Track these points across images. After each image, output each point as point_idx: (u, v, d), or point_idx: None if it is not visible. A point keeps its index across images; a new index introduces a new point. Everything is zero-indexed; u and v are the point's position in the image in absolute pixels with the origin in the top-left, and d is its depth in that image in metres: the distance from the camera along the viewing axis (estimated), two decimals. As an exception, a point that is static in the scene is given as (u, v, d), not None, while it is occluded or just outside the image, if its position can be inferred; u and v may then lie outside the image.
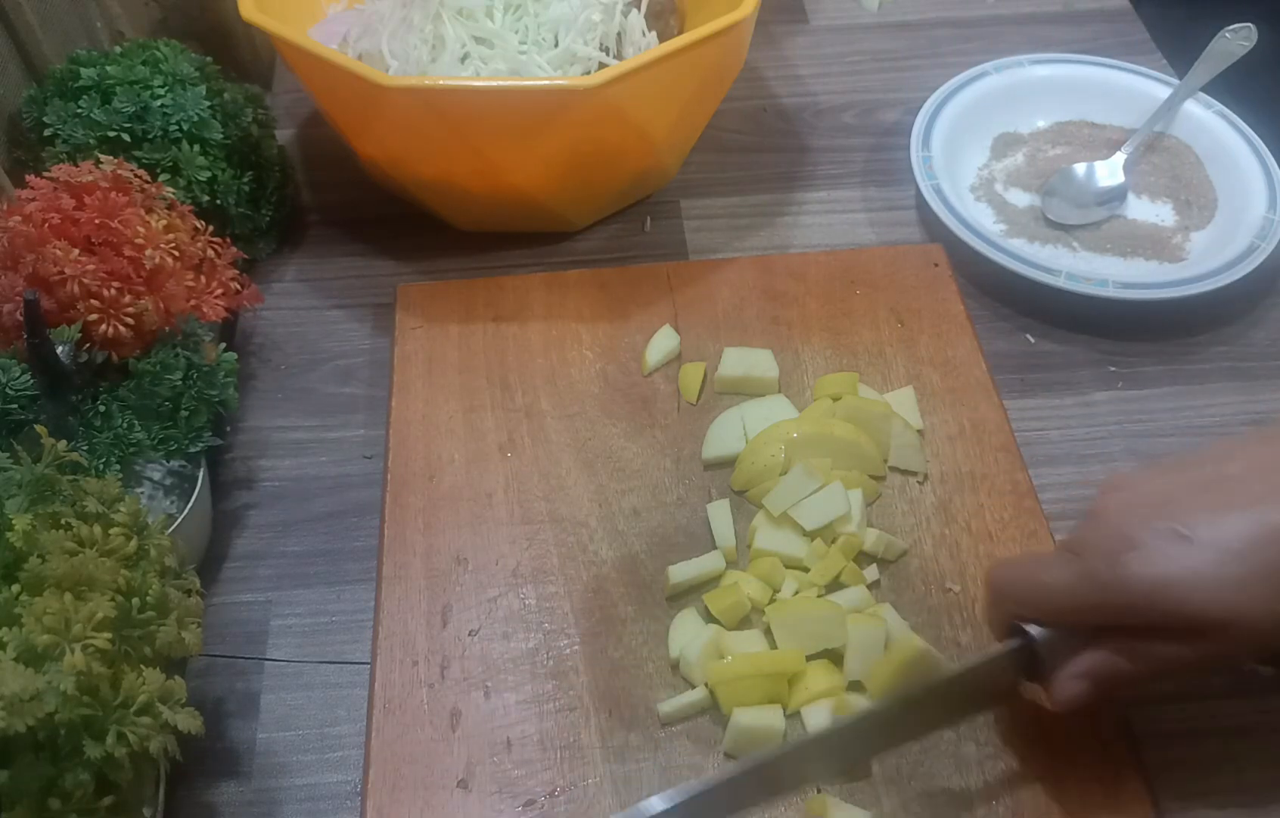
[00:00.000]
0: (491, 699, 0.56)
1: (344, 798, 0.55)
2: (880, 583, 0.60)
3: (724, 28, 0.68)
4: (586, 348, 0.71)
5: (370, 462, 0.68)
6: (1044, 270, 0.73)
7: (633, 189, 0.81)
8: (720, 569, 0.60)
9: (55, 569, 0.44)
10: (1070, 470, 0.67)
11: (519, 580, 0.60)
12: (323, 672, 0.59)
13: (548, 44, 0.75)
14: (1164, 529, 0.45)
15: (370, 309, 0.76)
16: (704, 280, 0.75)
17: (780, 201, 0.84)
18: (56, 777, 0.42)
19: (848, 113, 0.91)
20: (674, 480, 0.65)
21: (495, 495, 0.64)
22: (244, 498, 0.66)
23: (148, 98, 0.69)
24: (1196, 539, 0.45)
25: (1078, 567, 0.48)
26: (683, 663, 0.57)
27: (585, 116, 0.68)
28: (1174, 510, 0.46)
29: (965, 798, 0.53)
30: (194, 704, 0.47)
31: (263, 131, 0.77)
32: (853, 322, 0.72)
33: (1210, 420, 0.70)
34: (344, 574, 0.63)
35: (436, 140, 0.70)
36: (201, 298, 0.62)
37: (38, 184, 0.60)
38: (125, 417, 0.58)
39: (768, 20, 0.97)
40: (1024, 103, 0.88)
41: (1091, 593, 0.47)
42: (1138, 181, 0.83)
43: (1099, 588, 0.47)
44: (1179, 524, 0.45)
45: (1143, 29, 0.98)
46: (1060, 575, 0.48)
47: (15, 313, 0.57)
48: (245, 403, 0.70)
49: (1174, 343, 0.74)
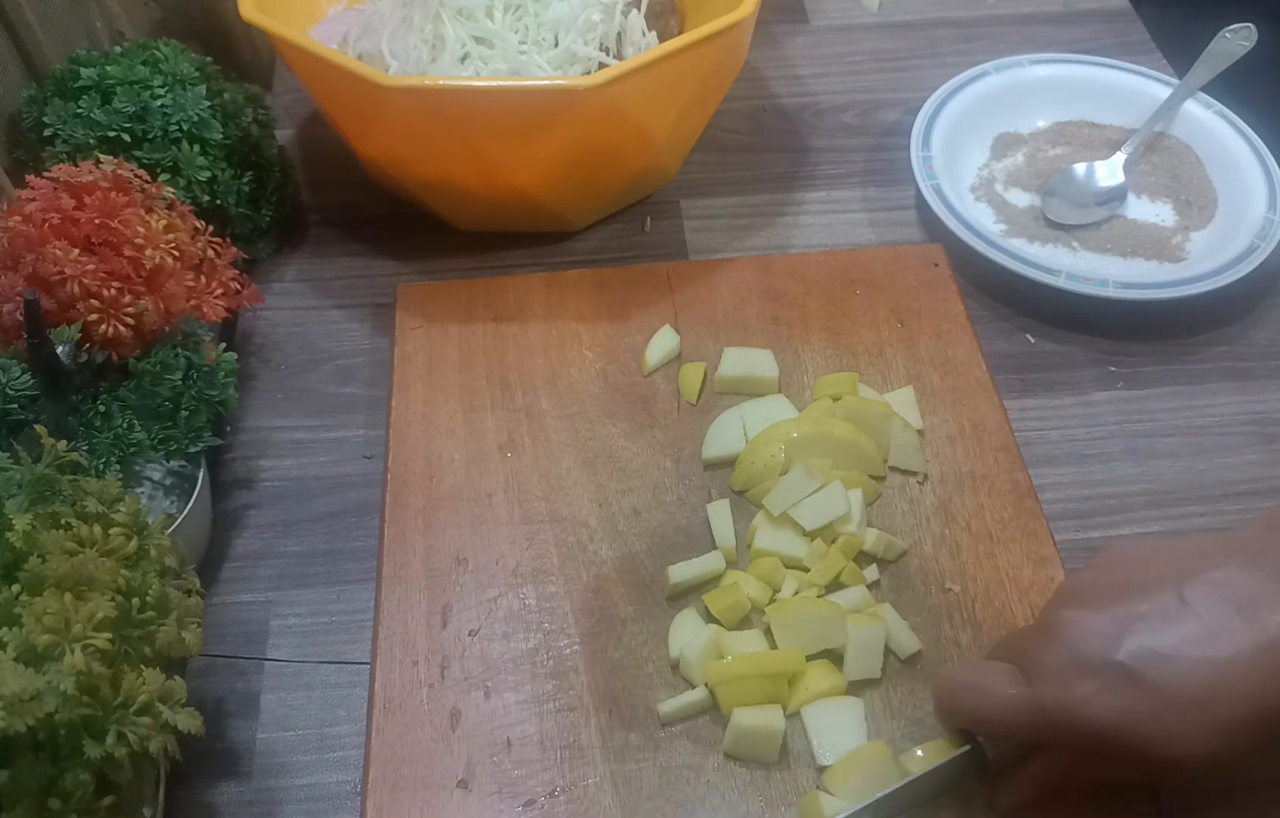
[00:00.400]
0: (491, 699, 0.56)
1: (344, 798, 0.55)
2: (880, 583, 0.60)
3: (724, 28, 0.68)
4: (586, 348, 0.71)
5: (370, 462, 0.68)
6: (1044, 270, 0.73)
7: (633, 189, 0.81)
8: (720, 569, 0.60)
9: (55, 569, 0.44)
10: (1070, 470, 0.67)
11: (519, 580, 0.60)
12: (323, 672, 0.59)
13: (548, 44, 0.75)
14: (1115, 669, 0.44)
15: (370, 309, 0.76)
16: (704, 280, 0.75)
17: (780, 202, 0.84)
18: (56, 777, 0.42)
19: (848, 113, 0.91)
20: (674, 480, 0.65)
21: (495, 495, 0.64)
22: (244, 498, 0.66)
23: (148, 98, 0.69)
24: (1148, 684, 0.44)
25: (1025, 692, 0.47)
26: (683, 663, 0.57)
27: (585, 116, 0.68)
28: (1128, 643, 0.45)
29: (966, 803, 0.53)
30: (194, 704, 0.47)
31: (263, 131, 0.77)
32: (853, 322, 0.72)
33: (1210, 420, 0.70)
34: (344, 574, 0.63)
35: (436, 140, 0.70)
36: (201, 298, 0.62)
37: (38, 184, 0.60)
38: (125, 417, 0.58)
39: (768, 20, 0.97)
40: (1024, 103, 0.88)
41: (1036, 719, 0.47)
42: (1138, 181, 0.83)
43: (1045, 717, 0.46)
44: (1132, 662, 0.44)
45: (1143, 29, 0.98)
46: (1007, 697, 0.48)
47: (15, 313, 0.57)
48: (245, 403, 0.71)
49: (1174, 343, 0.74)
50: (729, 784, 0.53)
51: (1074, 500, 0.66)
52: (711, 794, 0.53)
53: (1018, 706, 0.47)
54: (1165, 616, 0.45)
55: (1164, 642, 0.44)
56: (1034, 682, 0.47)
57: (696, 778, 0.54)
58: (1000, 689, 0.48)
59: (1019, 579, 0.60)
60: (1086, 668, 0.45)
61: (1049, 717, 0.46)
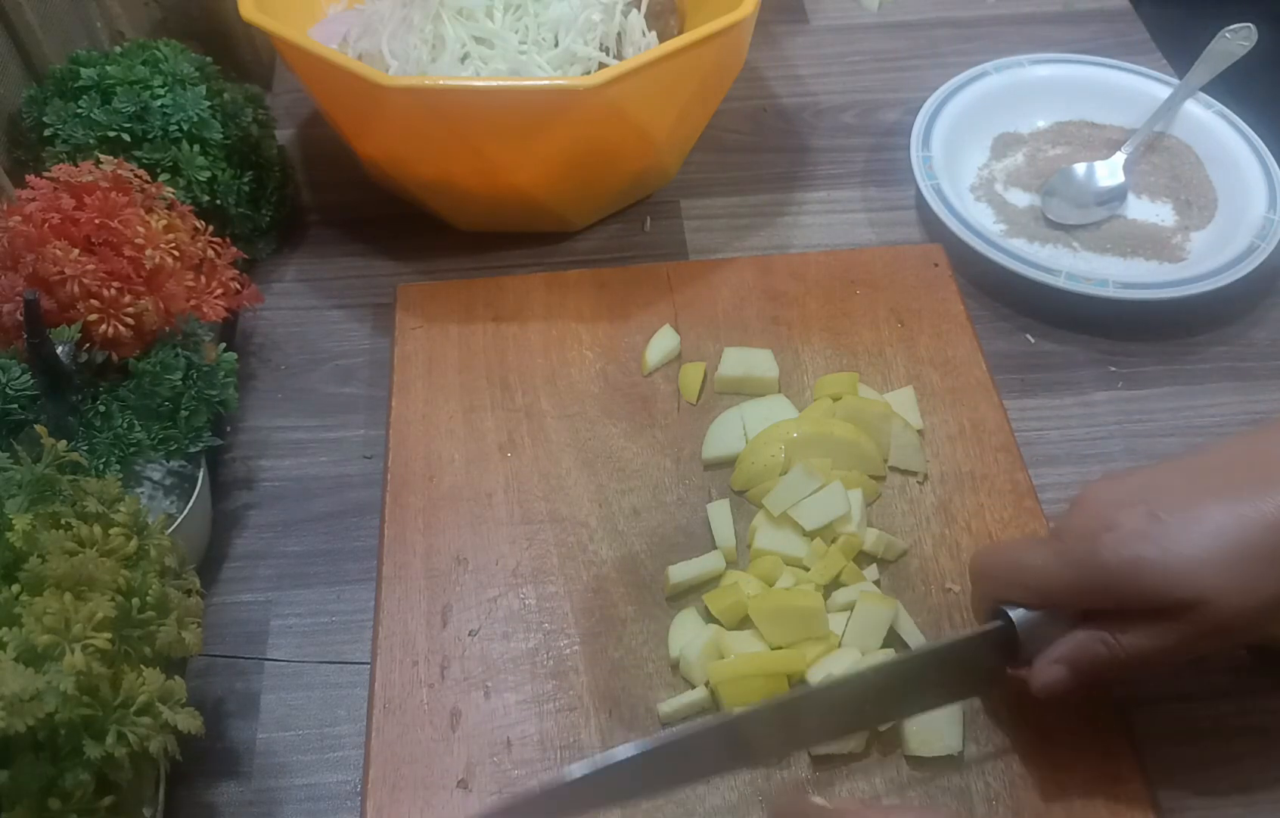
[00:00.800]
0: (491, 699, 0.56)
1: (344, 798, 0.55)
2: (880, 583, 0.60)
3: (724, 28, 0.68)
4: (586, 348, 0.71)
5: (370, 462, 0.68)
6: (1044, 270, 0.73)
7: (633, 189, 0.81)
8: (720, 569, 0.60)
9: (55, 569, 0.44)
10: (1070, 470, 0.67)
11: (519, 580, 0.60)
12: (323, 672, 0.59)
13: (548, 44, 0.75)
14: (1140, 512, 0.47)
15: (370, 309, 0.76)
16: (704, 280, 0.75)
17: (780, 201, 0.84)
18: (56, 777, 0.42)
19: (848, 113, 0.91)
20: (674, 480, 0.65)
21: (495, 495, 0.64)
22: (244, 498, 0.66)
23: (148, 98, 0.69)
24: (1170, 521, 0.47)
25: (1056, 548, 0.50)
26: (683, 663, 0.57)
27: (585, 116, 0.68)
28: (1151, 496, 0.48)
29: (965, 798, 0.53)
30: (194, 704, 0.47)
31: (263, 131, 0.77)
32: (853, 322, 0.72)
33: (1210, 420, 0.70)
34: (344, 574, 0.63)
35: (436, 140, 0.70)
36: (201, 298, 0.62)
37: (38, 184, 0.60)
38: (125, 417, 0.58)
39: (768, 20, 0.97)
40: (1024, 103, 0.88)
41: (1067, 572, 0.49)
42: (1138, 181, 0.83)
43: (1074, 567, 0.48)
44: (1156, 506, 0.47)
45: (1143, 29, 0.98)
46: (1039, 557, 0.50)
47: (15, 313, 0.57)
48: (245, 403, 0.70)
49: (1174, 343, 0.74)
50: (729, 784, 0.53)
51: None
52: (711, 794, 0.53)
53: (1049, 562, 0.49)
54: (1187, 474, 0.49)
55: (1186, 489, 0.48)
56: (1065, 539, 0.49)
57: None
58: (1034, 552, 0.51)
59: (1019, 579, 0.60)
60: (1113, 518, 0.48)
61: (1079, 566, 0.48)
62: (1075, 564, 0.48)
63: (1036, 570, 0.50)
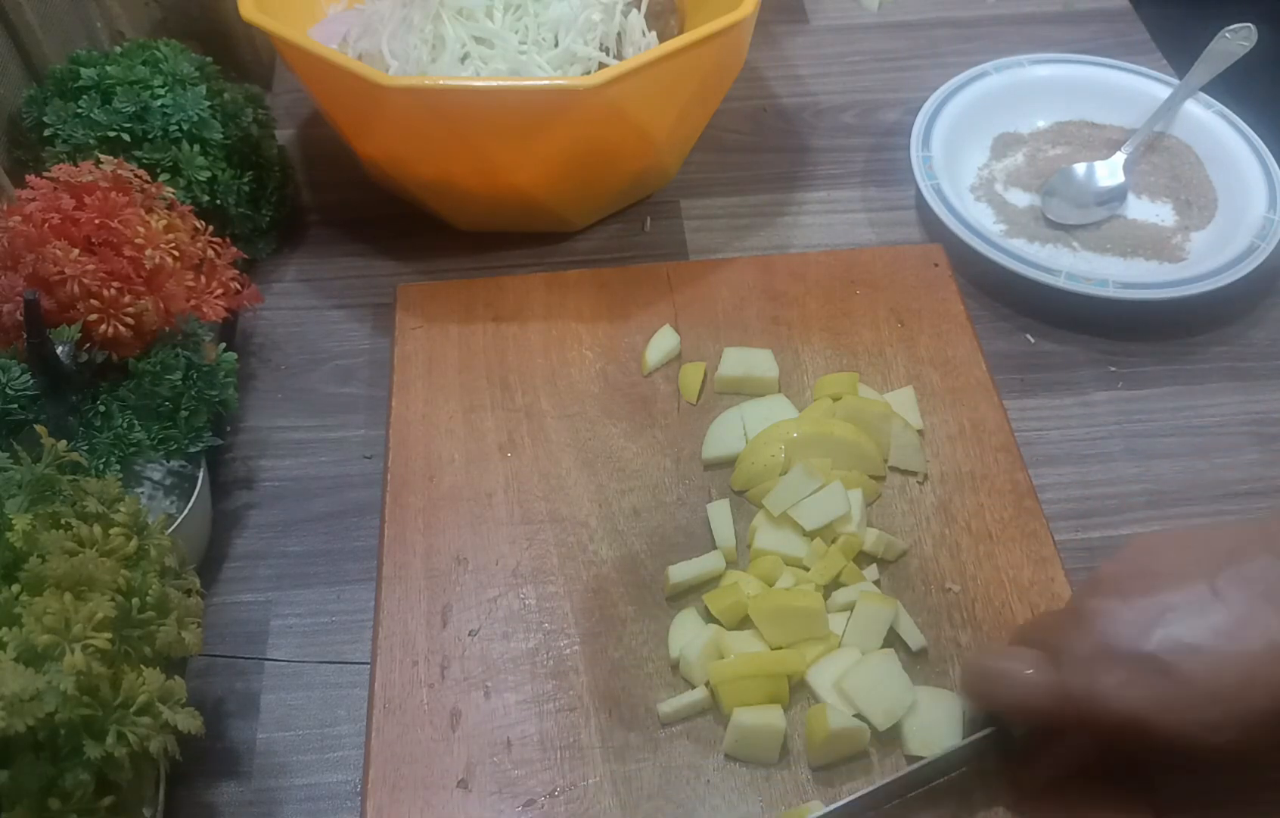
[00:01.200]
0: (491, 699, 0.56)
1: (344, 798, 0.55)
2: (880, 583, 0.60)
3: (724, 28, 0.68)
4: (586, 348, 0.71)
5: (370, 462, 0.68)
6: (1044, 270, 0.73)
7: (633, 189, 0.81)
8: (720, 569, 0.60)
9: (55, 569, 0.44)
10: (1070, 470, 0.67)
11: (519, 580, 0.60)
12: (323, 672, 0.59)
13: (548, 44, 0.75)
14: (1145, 659, 0.45)
15: (370, 309, 0.76)
16: (704, 280, 0.75)
17: (780, 202, 0.84)
18: (56, 777, 0.42)
19: (848, 113, 0.91)
20: (674, 480, 0.65)
21: (495, 495, 0.64)
22: (244, 498, 0.66)
23: (148, 98, 0.69)
24: (1178, 675, 0.44)
25: (1053, 679, 0.47)
26: (683, 663, 0.57)
27: (585, 116, 0.68)
28: (1159, 634, 0.45)
29: (966, 798, 0.53)
30: (194, 704, 0.47)
31: (263, 131, 0.77)
32: (853, 322, 0.72)
33: (1210, 420, 0.70)
34: (344, 574, 0.63)
35: (436, 140, 0.70)
36: (201, 298, 0.62)
37: (38, 184, 0.60)
38: (125, 417, 0.58)
39: (768, 20, 0.97)
40: (1024, 103, 0.88)
41: (1064, 706, 0.47)
42: (1138, 181, 0.83)
43: (1073, 704, 0.47)
44: (1162, 653, 0.45)
45: (1143, 29, 0.98)
46: (1035, 683, 0.48)
47: (15, 313, 0.57)
48: (245, 403, 0.71)
49: (1174, 343, 0.74)
50: (729, 784, 0.53)
51: (1074, 500, 0.66)
52: (711, 794, 0.53)
53: (1046, 692, 0.48)
54: (1196, 607, 0.45)
55: (1195, 633, 0.45)
56: (1062, 669, 0.47)
57: (696, 778, 0.54)
58: (1028, 675, 0.48)
59: (1019, 579, 0.60)
60: (1116, 657, 0.45)
61: (1077, 705, 0.46)
62: (1073, 701, 0.46)
63: (1033, 697, 0.48)
